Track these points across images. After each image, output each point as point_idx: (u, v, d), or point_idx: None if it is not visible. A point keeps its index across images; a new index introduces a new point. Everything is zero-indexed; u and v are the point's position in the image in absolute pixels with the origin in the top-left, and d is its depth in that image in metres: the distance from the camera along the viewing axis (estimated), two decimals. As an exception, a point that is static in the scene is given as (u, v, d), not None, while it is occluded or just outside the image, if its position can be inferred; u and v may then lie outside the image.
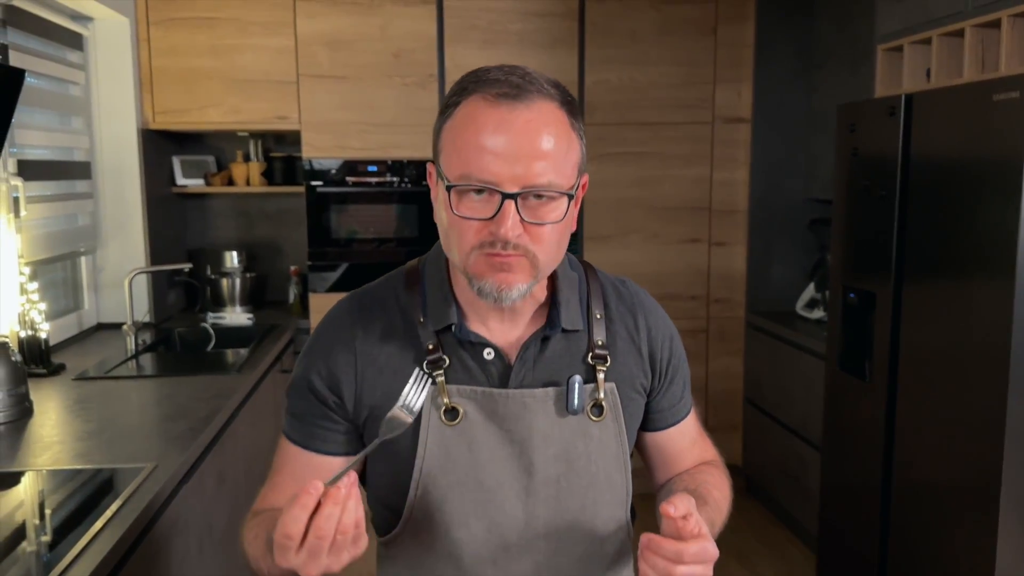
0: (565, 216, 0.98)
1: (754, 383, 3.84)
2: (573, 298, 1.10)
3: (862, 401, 2.64)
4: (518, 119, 0.92)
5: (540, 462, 1.06)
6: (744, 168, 3.85)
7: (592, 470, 1.08)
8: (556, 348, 1.08)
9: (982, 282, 2.10)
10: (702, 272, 3.87)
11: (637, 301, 1.16)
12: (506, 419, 1.05)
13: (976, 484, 2.14)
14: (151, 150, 3.56)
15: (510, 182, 0.93)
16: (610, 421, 1.09)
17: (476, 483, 1.05)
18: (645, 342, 1.14)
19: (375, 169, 3.65)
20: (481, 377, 1.06)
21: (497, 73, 0.96)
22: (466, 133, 0.94)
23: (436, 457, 1.05)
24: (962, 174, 2.16)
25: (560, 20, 3.66)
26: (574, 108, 1.00)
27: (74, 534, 1.45)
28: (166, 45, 3.51)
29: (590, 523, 1.09)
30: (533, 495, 1.06)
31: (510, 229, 0.93)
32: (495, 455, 1.05)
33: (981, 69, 2.31)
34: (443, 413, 1.04)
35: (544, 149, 0.93)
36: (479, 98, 0.95)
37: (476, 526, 1.05)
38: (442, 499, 1.05)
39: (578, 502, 1.08)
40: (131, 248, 3.46)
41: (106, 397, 2.37)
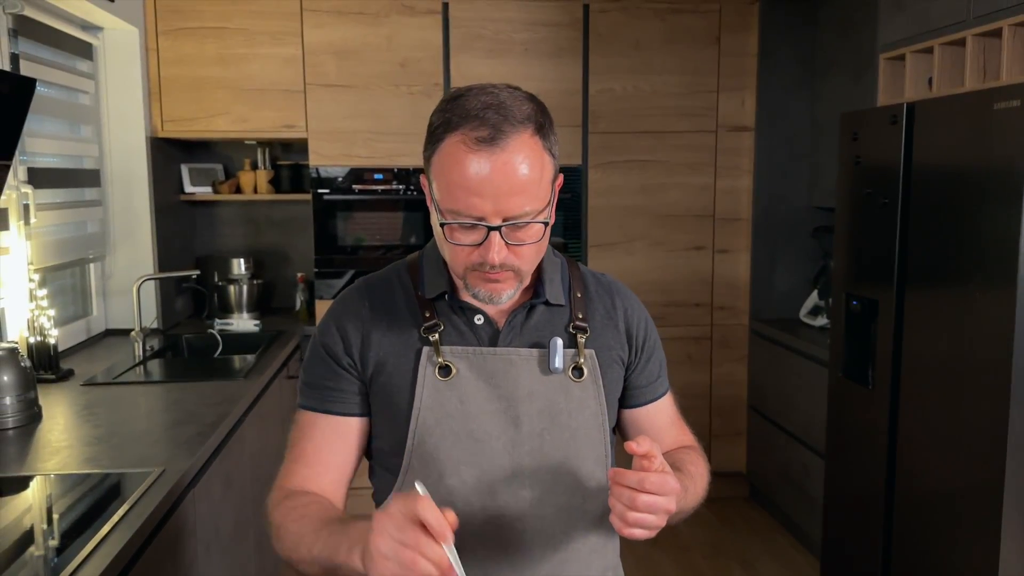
0: (543, 236, 1.11)
1: (758, 390, 3.84)
2: (556, 277, 1.24)
3: (865, 408, 2.65)
4: (496, 162, 1.03)
5: (525, 416, 1.16)
6: (748, 176, 3.86)
7: (573, 425, 1.18)
8: (540, 317, 1.21)
9: (984, 290, 2.11)
10: (706, 279, 3.89)
11: (615, 288, 1.30)
12: (494, 375, 1.16)
13: (979, 492, 2.14)
14: (159, 158, 3.59)
15: (493, 215, 1.05)
16: (589, 383, 1.20)
17: (467, 434, 1.15)
18: (622, 319, 1.26)
19: (381, 177, 3.68)
20: (472, 339, 1.18)
21: (475, 104, 1.05)
22: (452, 175, 1.05)
23: (431, 409, 1.15)
24: (964, 182, 2.18)
25: (565, 30, 3.69)
26: (546, 127, 1.09)
27: (82, 538, 1.47)
28: (175, 54, 3.55)
29: (572, 475, 1.18)
30: (519, 446, 1.16)
31: (496, 255, 1.07)
32: (484, 408, 1.16)
33: (982, 78, 2.32)
34: (437, 370, 1.16)
35: (520, 183, 1.05)
36: (459, 141, 1.04)
37: (467, 474, 1.15)
38: (435, 448, 1.15)
39: (560, 453, 1.17)
40: (139, 255, 3.49)
41: (114, 402, 2.39)
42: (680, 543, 1.16)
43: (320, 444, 1.19)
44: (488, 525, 1.15)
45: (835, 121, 3.38)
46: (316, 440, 1.19)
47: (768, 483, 3.74)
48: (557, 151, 1.12)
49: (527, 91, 1.12)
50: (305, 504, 1.13)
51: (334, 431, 1.19)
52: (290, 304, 4.11)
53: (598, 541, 1.22)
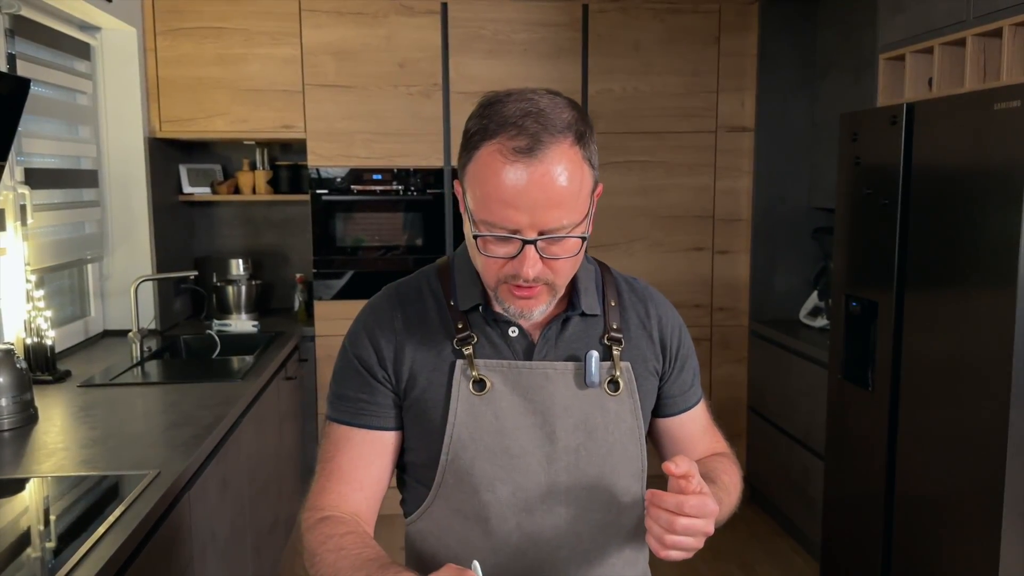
0: (580, 251, 1.07)
1: (757, 392, 3.84)
2: (591, 286, 1.21)
3: (865, 410, 2.64)
4: (534, 173, 0.99)
5: (561, 431, 1.13)
6: (747, 177, 3.85)
7: (610, 440, 1.15)
8: (575, 329, 1.18)
9: (984, 291, 2.10)
10: (706, 280, 3.88)
11: (648, 294, 1.27)
12: (529, 390, 1.14)
13: (979, 494, 2.13)
14: (158, 158, 3.58)
15: (529, 229, 1.02)
16: (626, 396, 1.17)
17: (502, 449, 1.13)
18: (656, 328, 1.23)
19: (380, 177, 3.67)
20: (507, 352, 1.16)
21: (514, 111, 1.01)
22: (487, 185, 1.02)
23: (465, 424, 1.13)
24: (964, 182, 2.17)
25: (564, 30, 3.68)
26: (586, 136, 1.05)
27: (78, 540, 1.46)
28: (173, 55, 3.54)
29: (608, 491, 1.16)
30: (555, 462, 1.13)
31: (530, 268, 1.03)
32: (520, 423, 1.13)
33: (983, 78, 2.32)
34: (472, 384, 1.13)
35: (558, 196, 1.01)
36: (496, 151, 1.01)
37: (502, 490, 1.13)
38: (471, 463, 1.12)
39: (596, 469, 1.15)
40: (137, 256, 3.48)
41: (111, 404, 2.38)
42: None
43: (355, 459, 1.16)
44: (523, 541, 1.13)
45: (835, 122, 3.37)
46: (351, 455, 1.16)
47: (768, 485, 3.72)
48: (597, 160, 1.08)
49: (567, 97, 1.08)
50: (342, 535, 1.09)
51: (370, 446, 1.16)
52: (289, 305, 4.10)
53: (632, 554, 1.21)
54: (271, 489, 2.97)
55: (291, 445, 3.43)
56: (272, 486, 2.99)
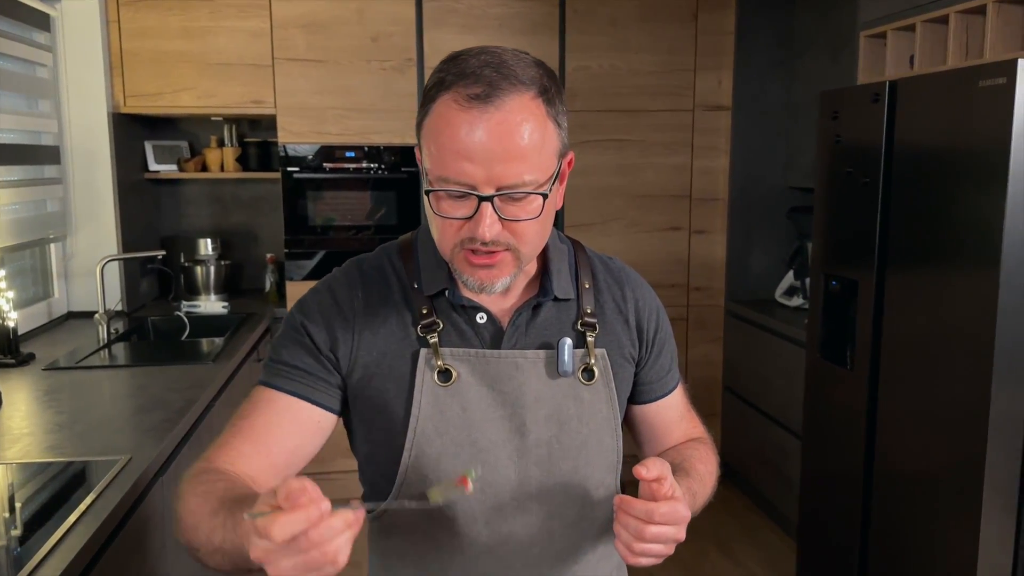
0: (543, 211, 0.99)
1: (733, 371, 3.84)
2: (564, 268, 1.13)
3: (843, 389, 2.64)
4: (489, 121, 0.92)
5: (532, 423, 1.07)
6: (724, 156, 3.84)
7: (584, 432, 1.09)
8: (547, 315, 1.11)
9: (966, 270, 2.10)
10: (682, 260, 3.87)
11: (624, 275, 1.19)
12: (498, 380, 1.07)
13: (959, 472, 2.14)
14: (122, 134, 3.47)
15: (485, 184, 0.94)
16: (601, 385, 1.11)
17: (470, 443, 1.06)
18: (632, 312, 1.16)
19: (353, 155, 3.60)
20: (474, 340, 1.08)
21: (474, 63, 0.95)
22: (441, 137, 0.94)
23: (430, 417, 1.05)
24: (947, 161, 2.16)
25: (540, 5, 3.62)
26: (552, 93, 0.98)
27: (46, 528, 1.41)
28: (137, 27, 3.42)
29: (581, 485, 1.10)
30: (525, 455, 1.07)
31: (488, 228, 0.95)
32: (488, 416, 1.06)
33: (965, 56, 2.31)
34: (437, 374, 1.06)
35: (517, 148, 0.93)
36: (451, 99, 0.94)
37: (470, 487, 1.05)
38: (436, 459, 1.05)
39: (570, 463, 1.09)
40: (102, 235, 3.38)
41: (78, 388, 2.31)
42: None
43: (271, 424, 1.03)
44: (493, 540, 1.07)
45: (812, 101, 3.36)
46: (268, 418, 1.03)
47: (743, 464, 3.74)
48: (565, 123, 1.00)
49: (535, 57, 1.00)
50: (213, 481, 0.95)
51: (293, 416, 1.04)
52: (259, 286, 4.02)
53: (605, 548, 1.15)
54: (244, 473, 2.91)
55: (263, 428, 3.36)
56: (245, 470, 2.93)
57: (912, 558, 2.35)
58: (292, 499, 0.74)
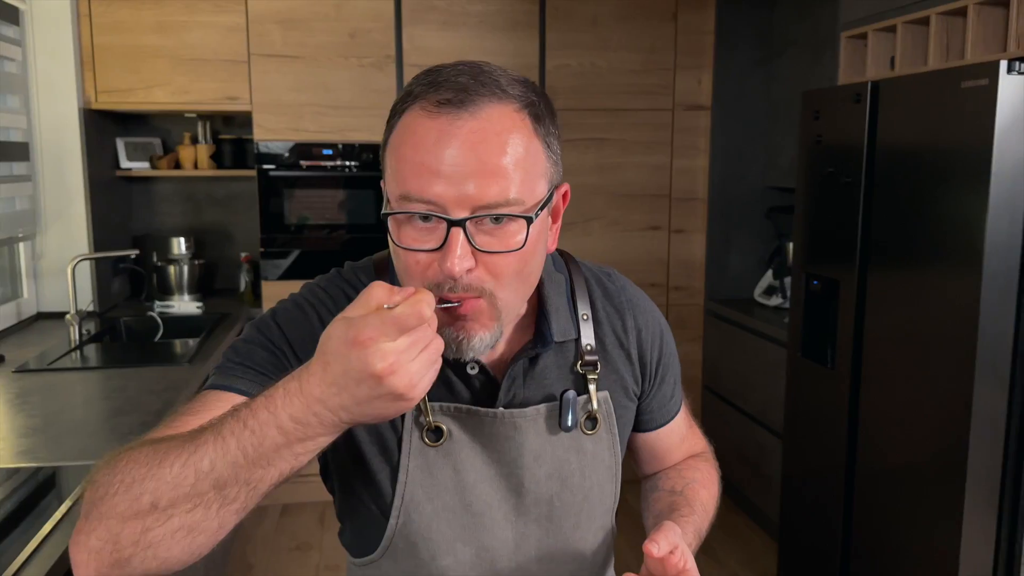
0: (526, 242, 0.83)
1: (713, 370, 3.85)
2: (562, 305, 1.01)
3: (825, 388, 2.65)
4: (462, 129, 0.79)
5: (531, 482, 0.98)
6: (704, 156, 3.84)
7: (586, 485, 1.01)
8: (547, 362, 1.00)
9: (949, 269, 2.11)
10: (662, 259, 3.87)
11: (625, 298, 1.08)
12: (494, 439, 0.97)
13: (942, 470, 2.16)
14: (93, 131, 3.40)
15: (456, 205, 0.79)
16: (604, 433, 1.03)
17: (463, 507, 0.97)
18: (635, 345, 1.06)
19: (330, 152, 3.55)
20: (465, 394, 0.97)
21: (448, 72, 0.83)
22: (403, 149, 0.81)
23: (419, 482, 0.96)
24: (929, 161, 2.17)
25: (520, 3, 3.60)
26: (541, 110, 0.85)
27: (22, 537, 1.36)
28: (109, 21, 3.35)
29: (582, 539, 1.03)
30: (523, 515, 0.99)
31: (458, 261, 0.79)
32: (482, 476, 0.97)
33: (946, 57, 2.32)
34: (425, 433, 0.95)
35: (495, 163, 0.79)
36: (419, 108, 0.81)
37: (464, 552, 0.98)
38: (427, 527, 0.97)
39: (572, 520, 1.01)
40: (73, 234, 3.30)
41: (49, 390, 2.25)
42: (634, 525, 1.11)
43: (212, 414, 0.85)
44: None
45: (792, 101, 3.38)
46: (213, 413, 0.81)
47: (723, 463, 3.70)
48: (558, 149, 0.87)
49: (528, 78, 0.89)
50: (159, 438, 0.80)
51: None
52: (234, 285, 3.96)
53: None
54: (221, 476, 2.86)
55: (240, 430, 3.31)
56: (222, 473, 2.88)
57: (894, 555, 2.36)
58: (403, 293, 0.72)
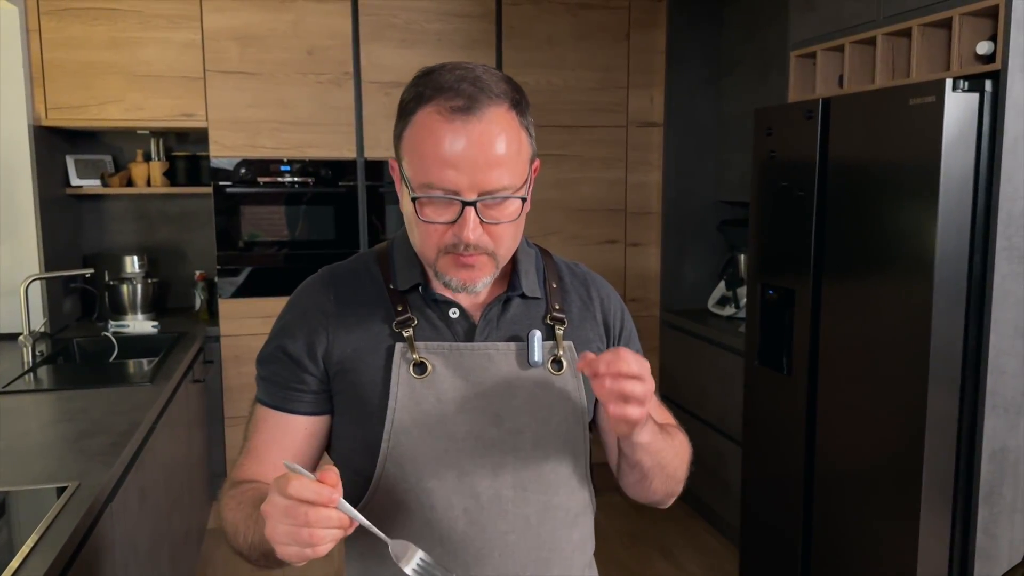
0: (520, 213, 1.08)
1: (670, 379, 3.92)
2: (531, 269, 1.20)
3: (782, 394, 2.73)
4: (472, 131, 1.00)
5: (505, 412, 1.12)
6: (657, 171, 3.93)
7: (554, 420, 1.14)
8: (517, 310, 1.17)
9: (900, 278, 2.21)
10: (619, 272, 3.93)
11: (590, 278, 1.27)
12: (472, 372, 1.12)
13: (898, 472, 2.24)
14: (43, 148, 3.33)
15: (468, 190, 1.02)
16: (569, 376, 1.16)
17: (446, 433, 1.10)
18: (599, 310, 1.23)
19: (288, 169, 3.54)
20: (448, 334, 1.13)
21: (450, 78, 1.03)
22: (425, 146, 1.02)
23: (407, 408, 1.10)
24: (880, 175, 2.27)
25: (477, 21, 3.65)
26: (522, 104, 1.07)
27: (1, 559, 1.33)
28: (60, 36, 3.29)
29: (554, 473, 1.14)
30: (500, 444, 1.11)
31: (471, 232, 1.03)
32: (463, 406, 1.11)
33: (892, 75, 2.43)
34: (412, 367, 1.11)
35: (497, 156, 1.02)
36: (434, 111, 1.02)
37: (446, 475, 1.10)
38: (413, 449, 1.09)
39: (542, 452, 1.13)
40: (23, 253, 3.22)
41: (7, 414, 2.20)
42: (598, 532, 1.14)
43: (271, 441, 1.14)
44: (470, 528, 1.10)
45: (741, 117, 3.48)
46: (267, 436, 1.15)
47: (681, 471, 3.81)
48: (533, 132, 1.09)
49: (503, 72, 1.10)
50: (243, 491, 1.07)
51: (284, 429, 1.14)
52: (188, 304, 3.90)
53: (579, 539, 1.19)
54: (184, 497, 2.81)
55: (200, 451, 3.26)
56: (185, 494, 2.83)
57: (854, 557, 2.44)
58: (322, 476, 0.88)
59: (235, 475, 1.13)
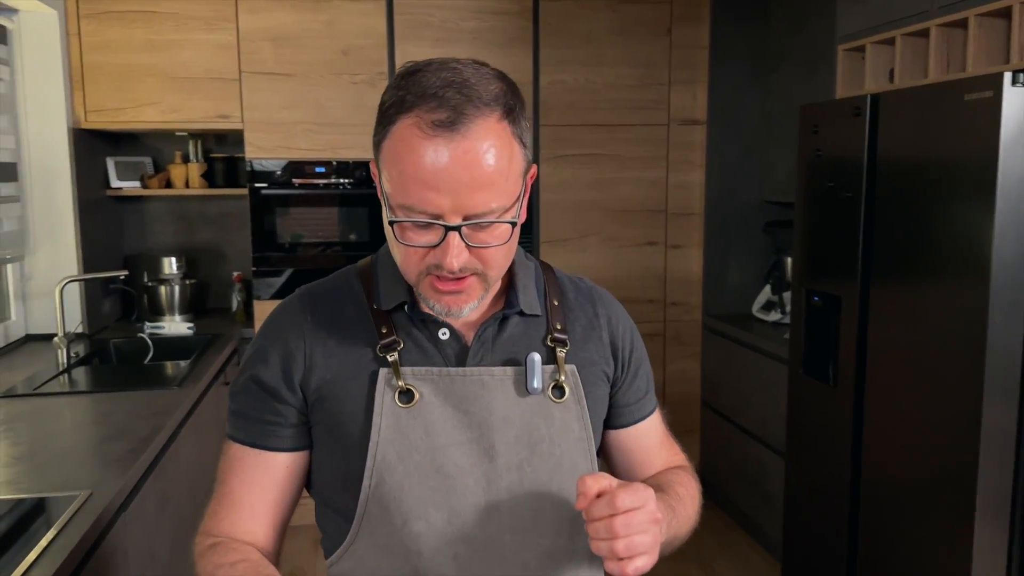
0: (511, 238, 0.96)
1: (711, 386, 3.80)
2: (530, 284, 1.09)
3: (828, 405, 2.61)
4: (456, 150, 0.89)
5: (501, 445, 1.01)
6: (700, 170, 3.81)
7: (556, 453, 1.03)
8: (515, 330, 1.06)
9: (955, 283, 2.08)
10: (659, 275, 3.83)
11: (596, 294, 1.15)
12: (464, 400, 1.01)
13: (951, 485, 2.11)
14: (83, 151, 3.35)
15: (452, 213, 0.91)
16: (572, 403, 1.05)
17: (434, 469, 1.00)
18: (606, 329, 1.12)
19: (323, 170, 3.51)
20: (437, 357, 1.03)
21: (434, 82, 0.91)
22: (403, 164, 0.91)
23: (391, 442, 0.99)
24: (932, 174, 2.14)
25: (514, 19, 3.57)
26: (516, 111, 0.94)
27: (3, 571, 1.31)
28: (99, 40, 3.31)
29: (556, 512, 1.03)
30: (495, 482, 1.01)
31: (455, 258, 0.93)
32: (454, 439, 1.01)
33: (947, 69, 2.29)
34: (397, 395, 1.00)
35: (484, 176, 0.90)
36: (413, 124, 0.90)
37: (435, 517, 0.99)
38: (398, 488, 0.99)
39: (543, 488, 1.03)
40: (62, 255, 3.25)
41: (36, 416, 2.19)
42: None
43: (248, 483, 1.04)
44: (462, 575, 1.00)
45: (787, 115, 3.35)
46: (243, 478, 1.04)
47: (723, 481, 3.69)
48: (529, 139, 0.97)
49: (496, 68, 0.96)
50: (232, 563, 0.97)
51: (264, 469, 1.04)
52: (226, 305, 3.90)
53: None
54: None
55: (232, 453, 3.25)
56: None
57: (903, 573, 2.30)
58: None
59: (209, 527, 1.04)
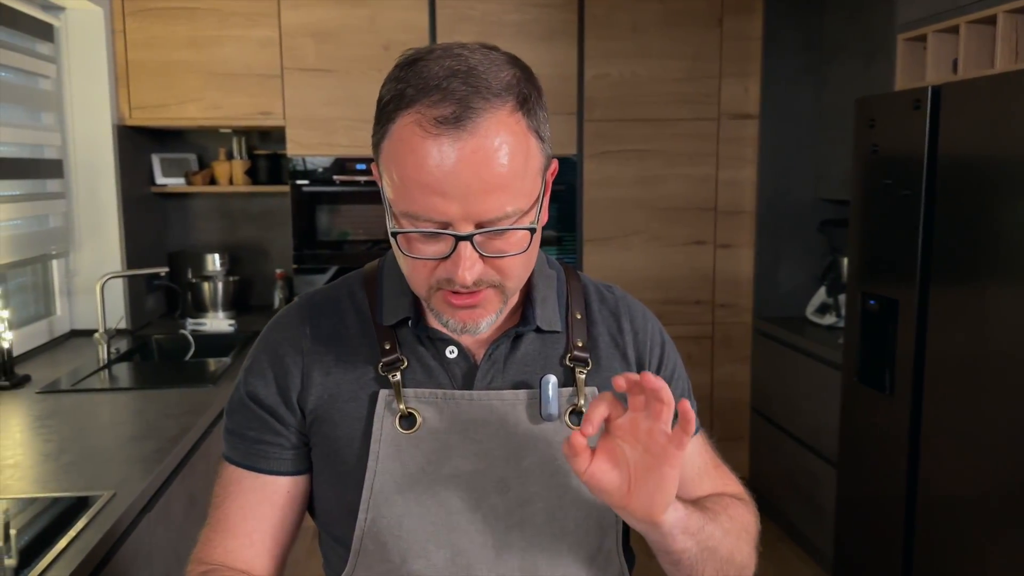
0: (530, 245, 0.85)
1: (761, 392, 3.67)
2: (550, 296, 0.99)
3: (883, 414, 2.47)
4: (463, 149, 0.78)
5: (513, 478, 0.92)
6: (751, 167, 3.68)
7: (573, 486, 0.93)
8: (530, 348, 0.96)
9: (1020, 287, 1.93)
10: (707, 276, 3.70)
11: (624, 305, 1.04)
12: (471, 426, 0.92)
13: (1014, 500, 1.97)
14: (128, 147, 3.38)
15: (462, 221, 0.80)
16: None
17: (436, 503, 0.91)
18: (631, 345, 1.01)
19: (364, 167, 3.48)
20: (443, 378, 0.94)
21: (437, 71, 0.80)
22: (404, 167, 0.80)
23: (389, 472, 0.91)
24: (997, 171, 2.00)
25: (558, 11, 3.49)
26: (531, 101, 0.83)
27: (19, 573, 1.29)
28: (143, 37, 3.33)
29: (573, 553, 0.94)
30: (505, 517, 0.92)
31: (467, 272, 0.82)
32: (459, 470, 0.92)
33: (1015, 58, 2.14)
34: (398, 420, 0.92)
35: (497, 177, 0.79)
36: (414, 121, 0.79)
37: (437, 556, 0.91)
38: (397, 524, 0.91)
39: (558, 526, 0.93)
40: (106, 251, 3.28)
41: (71, 413, 2.19)
42: None
43: (244, 508, 0.96)
44: None
45: (843, 108, 3.20)
46: (240, 503, 0.96)
47: (772, 490, 3.56)
48: (548, 131, 0.86)
49: (508, 53, 0.85)
50: None
51: (260, 493, 0.96)
52: (268, 302, 3.90)
53: None
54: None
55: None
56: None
57: (961, 600, 2.17)
58: None
59: (203, 554, 0.96)
